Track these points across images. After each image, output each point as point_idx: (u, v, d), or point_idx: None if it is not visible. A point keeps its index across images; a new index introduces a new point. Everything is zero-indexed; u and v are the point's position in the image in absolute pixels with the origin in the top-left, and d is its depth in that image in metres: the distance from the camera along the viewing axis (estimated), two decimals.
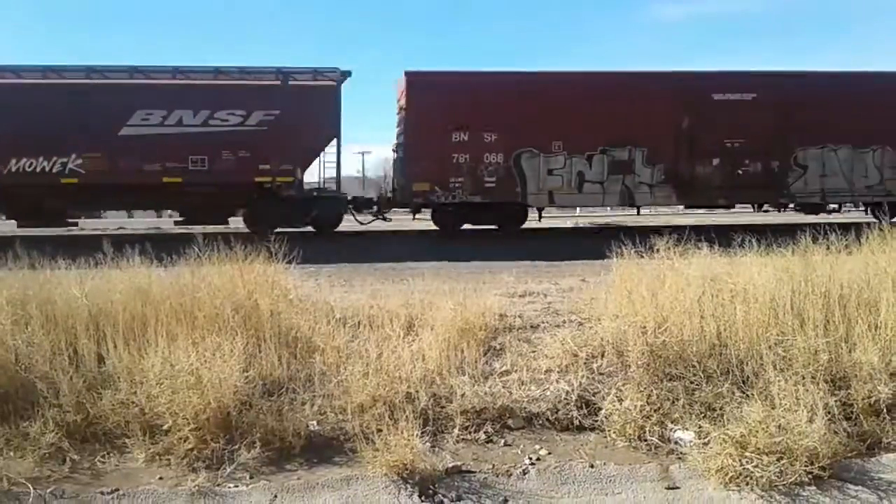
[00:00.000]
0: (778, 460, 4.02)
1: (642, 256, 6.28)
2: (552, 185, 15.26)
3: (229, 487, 4.10)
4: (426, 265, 8.95)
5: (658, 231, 6.82)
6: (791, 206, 16.76)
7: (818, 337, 4.97)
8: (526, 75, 15.58)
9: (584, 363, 5.25)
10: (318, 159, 15.81)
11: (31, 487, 3.98)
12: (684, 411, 4.67)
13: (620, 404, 4.76)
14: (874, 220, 16.67)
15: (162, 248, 7.02)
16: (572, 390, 4.93)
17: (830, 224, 6.98)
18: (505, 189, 15.16)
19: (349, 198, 16.58)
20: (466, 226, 15.98)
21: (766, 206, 17.52)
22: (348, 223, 16.55)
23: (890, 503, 4.05)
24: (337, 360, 5.17)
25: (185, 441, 4.30)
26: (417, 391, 4.80)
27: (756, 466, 4.01)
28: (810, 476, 4.05)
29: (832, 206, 17.16)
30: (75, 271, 6.12)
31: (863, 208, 17.49)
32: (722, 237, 7.00)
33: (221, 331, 5.10)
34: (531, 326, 6.10)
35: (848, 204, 17.44)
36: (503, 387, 4.96)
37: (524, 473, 4.29)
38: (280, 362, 5.10)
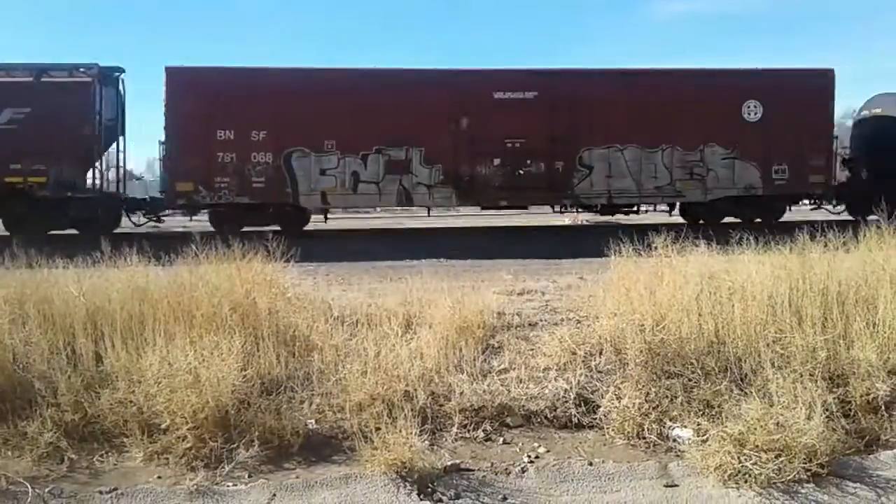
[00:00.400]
0: (776, 458, 4.02)
1: (640, 254, 6.29)
2: (325, 186, 14.67)
3: (228, 486, 4.09)
4: (424, 263, 8.94)
5: (656, 229, 6.82)
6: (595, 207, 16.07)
7: (816, 334, 4.98)
8: (295, 72, 15.05)
9: (583, 361, 5.24)
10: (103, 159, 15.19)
11: (29, 486, 3.97)
12: (683, 409, 4.67)
13: (619, 402, 4.76)
14: (683, 221, 16.19)
15: (160, 246, 7.01)
16: (571, 388, 4.93)
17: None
18: (274, 189, 14.57)
19: (122, 198, 15.55)
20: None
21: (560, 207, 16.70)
22: (359, 222, 16.55)
23: (888, 500, 4.05)
24: (335, 358, 5.17)
25: (183, 440, 4.29)
26: (416, 389, 4.79)
27: (754, 464, 4.01)
28: (809, 473, 4.05)
29: (646, 207, 16.69)
30: (73, 270, 6.11)
31: (666, 208, 16.91)
32: (720, 235, 7.00)
33: (219, 329, 5.09)
34: (529, 324, 6.11)
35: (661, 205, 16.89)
36: (502, 385, 4.96)
37: (523, 471, 4.29)
38: (278, 361, 5.10)
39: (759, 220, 14.92)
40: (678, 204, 16.37)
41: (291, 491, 4.06)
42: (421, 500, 4.00)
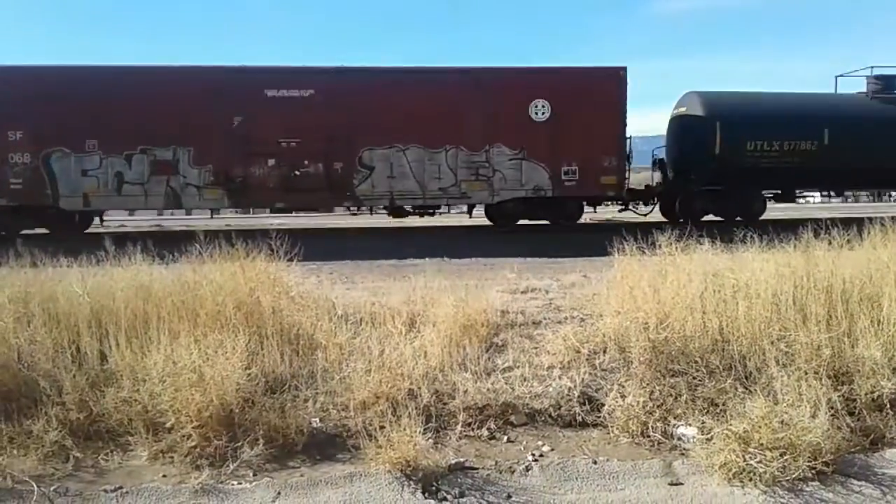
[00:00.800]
0: (781, 456, 4.02)
1: (644, 252, 6.28)
2: (87, 187, 14.17)
3: (232, 485, 4.10)
4: (428, 262, 8.94)
5: (660, 227, 6.81)
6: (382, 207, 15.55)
7: (821, 332, 4.97)
8: (51, 69, 14.50)
9: (587, 359, 5.25)
10: None
11: (34, 485, 3.98)
12: (687, 407, 4.67)
13: (623, 400, 4.76)
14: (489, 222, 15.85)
15: (164, 245, 7.02)
16: (575, 386, 4.93)
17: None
18: (34, 191, 13.99)
19: None
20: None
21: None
22: (360, 221, 16.51)
23: (893, 498, 4.04)
24: (339, 356, 5.17)
25: (188, 438, 4.31)
26: (420, 388, 4.80)
27: (759, 462, 4.01)
28: (813, 471, 4.05)
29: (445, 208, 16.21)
30: (77, 269, 6.12)
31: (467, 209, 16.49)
32: (724, 233, 6.99)
33: (223, 328, 5.10)
34: (533, 322, 6.11)
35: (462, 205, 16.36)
36: (506, 383, 4.96)
37: (527, 470, 4.29)
38: (282, 359, 5.11)
39: (552, 221, 14.65)
40: (484, 205, 15.96)
41: (296, 489, 4.07)
42: (425, 498, 4.00)
